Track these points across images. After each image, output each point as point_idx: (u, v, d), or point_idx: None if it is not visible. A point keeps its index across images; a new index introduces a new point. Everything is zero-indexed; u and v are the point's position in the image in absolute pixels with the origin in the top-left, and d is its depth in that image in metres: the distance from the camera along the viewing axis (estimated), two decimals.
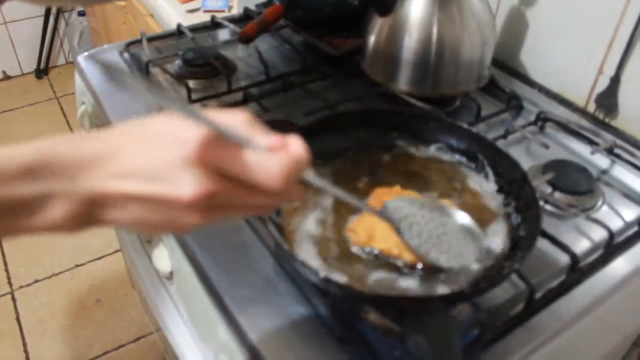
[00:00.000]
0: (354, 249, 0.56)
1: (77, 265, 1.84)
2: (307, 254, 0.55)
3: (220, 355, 0.65)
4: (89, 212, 0.39)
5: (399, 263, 0.54)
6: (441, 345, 0.42)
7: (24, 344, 1.61)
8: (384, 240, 0.55)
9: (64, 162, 0.38)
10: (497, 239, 0.57)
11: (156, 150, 0.37)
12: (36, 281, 1.79)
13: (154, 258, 0.81)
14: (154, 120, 0.39)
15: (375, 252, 0.55)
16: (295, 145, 0.38)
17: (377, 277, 0.54)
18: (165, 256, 0.79)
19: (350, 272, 0.54)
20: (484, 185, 0.63)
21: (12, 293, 1.76)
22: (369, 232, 0.56)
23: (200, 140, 0.36)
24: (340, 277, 0.53)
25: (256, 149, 0.37)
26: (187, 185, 0.36)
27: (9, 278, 1.81)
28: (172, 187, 0.36)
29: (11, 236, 0.40)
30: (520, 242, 0.54)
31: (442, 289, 0.52)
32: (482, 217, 0.60)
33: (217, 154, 0.37)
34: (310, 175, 0.39)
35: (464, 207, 0.61)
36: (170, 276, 0.80)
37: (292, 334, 0.55)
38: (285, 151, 0.38)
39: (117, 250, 1.85)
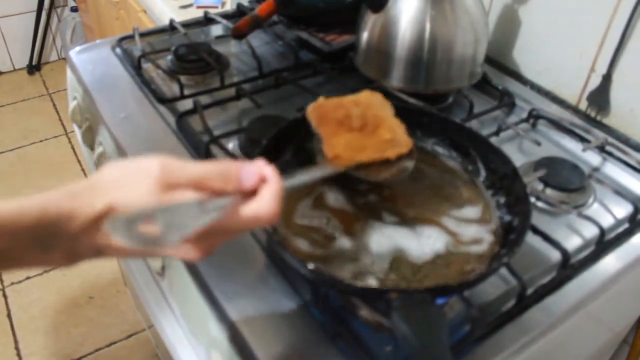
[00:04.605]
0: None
1: None
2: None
3: (212, 351, 0.65)
4: (90, 256, 0.42)
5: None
6: (428, 338, 0.42)
7: (15, 341, 1.60)
8: (361, 150, 0.56)
9: (66, 225, 0.39)
10: (487, 234, 0.57)
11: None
12: (28, 278, 1.79)
13: None
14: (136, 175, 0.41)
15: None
16: (271, 177, 0.42)
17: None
18: None
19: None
20: (476, 180, 0.64)
21: (3, 290, 1.75)
22: (349, 151, 0.56)
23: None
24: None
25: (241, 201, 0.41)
26: (186, 252, 0.41)
27: None
28: (176, 251, 0.41)
29: (7, 271, 0.43)
30: (511, 237, 0.54)
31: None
32: (471, 206, 0.60)
33: (215, 224, 0.39)
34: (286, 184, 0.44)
35: (455, 199, 0.61)
36: (162, 272, 0.80)
37: (283, 329, 0.55)
38: (267, 187, 0.42)
39: None
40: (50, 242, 0.40)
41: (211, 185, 0.41)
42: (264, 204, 0.41)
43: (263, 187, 0.42)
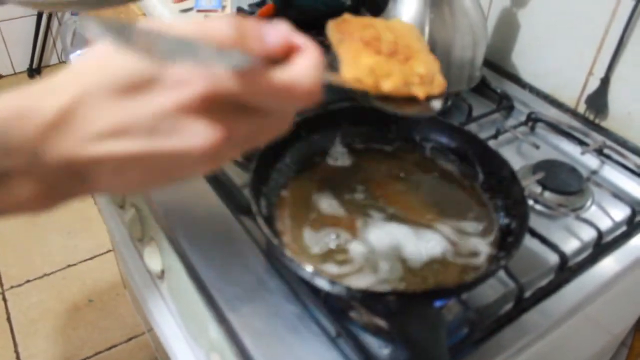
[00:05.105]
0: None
1: (69, 265, 1.83)
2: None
3: (212, 354, 0.65)
4: (67, 184, 0.31)
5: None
6: (426, 341, 0.42)
7: (15, 345, 1.60)
8: (387, 75, 0.47)
9: (17, 129, 0.29)
10: (492, 241, 0.58)
11: (146, 94, 0.29)
12: (28, 281, 1.79)
13: (145, 257, 0.81)
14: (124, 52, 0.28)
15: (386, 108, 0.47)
16: (307, 45, 0.32)
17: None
18: (157, 255, 0.79)
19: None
20: (475, 184, 0.64)
21: (3, 293, 1.75)
22: (372, 75, 0.47)
23: (208, 81, 0.28)
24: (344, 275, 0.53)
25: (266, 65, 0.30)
26: (196, 135, 0.29)
27: None
28: (176, 140, 0.29)
29: None
30: (508, 240, 0.54)
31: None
32: (471, 215, 0.60)
33: (235, 88, 0.29)
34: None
35: (453, 203, 0.61)
36: (162, 275, 0.80)
37: (283, 331, 0.55)
38: (306, 56, 0.31)
39: (109, 250, 1.84)
40: (4, 163, 0.29)
41: (223, 39, 0.29)
42: (302, 71, 0.30)
43: (298, 54, 0.31)
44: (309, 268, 0.47)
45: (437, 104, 0.49)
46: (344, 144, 0.68)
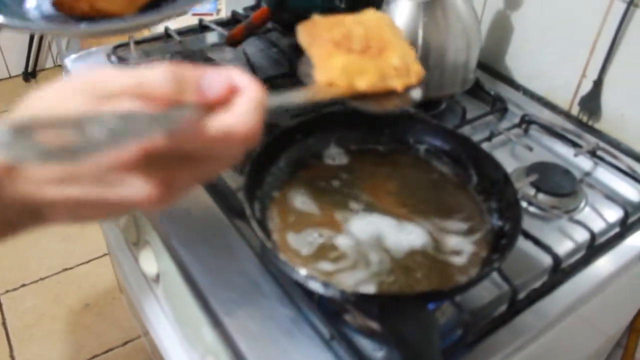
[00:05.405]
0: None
1: (65, 269, 1.83)
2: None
3: (207, 357, 0.65)
4: (24, 219, 0.34)
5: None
6: (420, 343, 0.42)
7: (10, 349, 1.60)
8: (361, 74, 0.47)
9: None
10: (478, 240, 0.58)
11: None
12: (23, 285, 1.78)
13: (141, 261, 0.81)
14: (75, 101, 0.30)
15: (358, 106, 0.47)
16: (247, 86, 0.33)
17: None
18: (152, 259, 0.79)
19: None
20: (468, 187, 0.64)
21: None
22: (345, 76, 0.46)
23: (144, 139, 0.29)
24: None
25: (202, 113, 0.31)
26: (135, 188, 0.31)
27: None
28: (119, 190, 0.31)
29: None
30: (502, 242, 0.55)
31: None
32: (460, 215, 0.60)
33: (170, 144, 0.30)
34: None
35: (443, 203, 0.62)
36: (157, 279, 0.80)
37: (277, 334, 0.55)
38: (241, 96, 0.32)
39: (105, 254, 1.84)
40: None
41: (160, 93, 0.30)
42: (239, 116, 0.31)
43: (236, 98, 0.32)
44: (302, 271, 0.48)
45: (416, 94, 0.49)
46: (339, 147, 0.68)
